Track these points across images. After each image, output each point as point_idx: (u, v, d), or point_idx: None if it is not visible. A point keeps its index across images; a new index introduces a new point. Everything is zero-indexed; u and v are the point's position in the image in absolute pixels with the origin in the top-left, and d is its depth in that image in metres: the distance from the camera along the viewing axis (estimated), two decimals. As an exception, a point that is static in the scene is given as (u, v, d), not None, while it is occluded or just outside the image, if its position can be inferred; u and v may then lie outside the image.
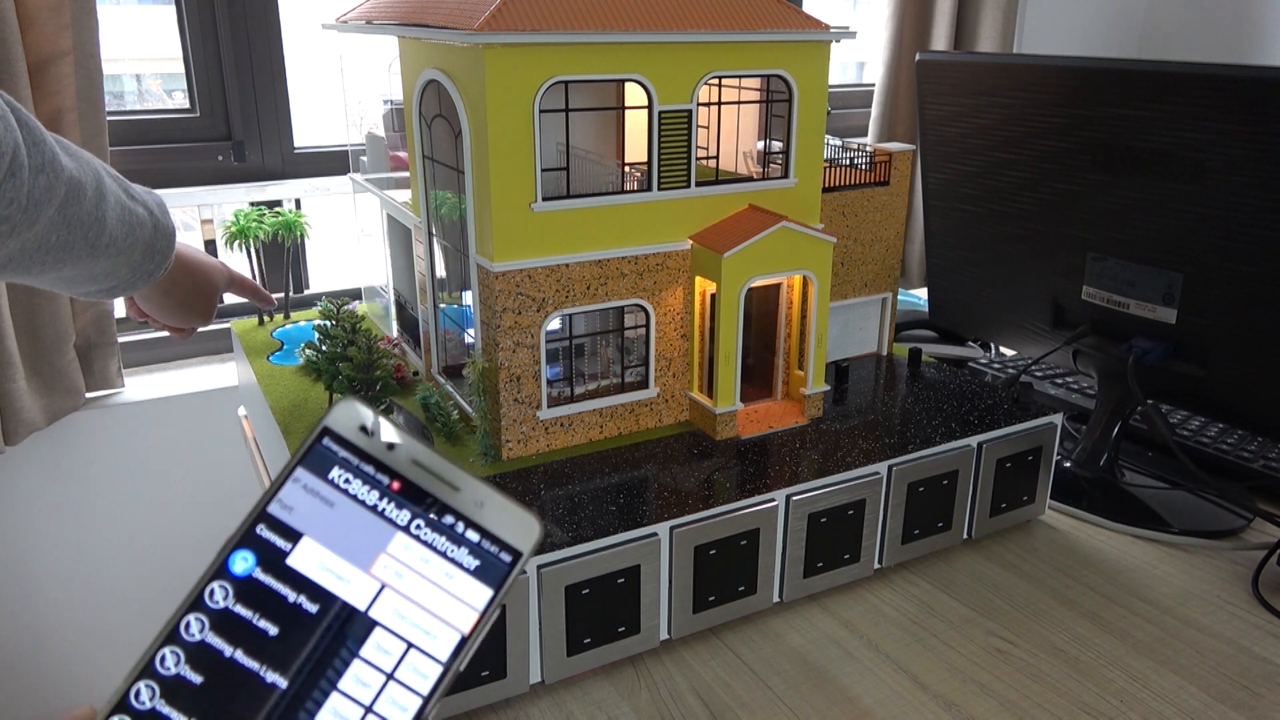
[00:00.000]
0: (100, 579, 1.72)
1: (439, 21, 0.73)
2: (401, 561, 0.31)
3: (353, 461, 0.32)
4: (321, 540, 0.31)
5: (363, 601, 0.30)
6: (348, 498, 0.31)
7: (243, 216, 1.13)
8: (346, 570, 0.30)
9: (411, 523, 0.31)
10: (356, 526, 0.31)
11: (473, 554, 0.31)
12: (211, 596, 0.30)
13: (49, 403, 1.55)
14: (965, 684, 0.69)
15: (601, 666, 0.70)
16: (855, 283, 1.00)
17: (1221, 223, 0.80)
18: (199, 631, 0.29)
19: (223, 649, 0.29)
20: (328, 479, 0.32)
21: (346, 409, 0.33)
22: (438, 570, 0.31)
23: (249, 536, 0.30)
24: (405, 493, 0.32)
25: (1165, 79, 0.80)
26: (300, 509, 0.31)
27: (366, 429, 0.32)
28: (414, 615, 0.30)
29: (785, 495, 0.73)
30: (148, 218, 0.72)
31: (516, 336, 0.76)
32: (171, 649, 0.29)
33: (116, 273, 0.71)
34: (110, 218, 0.66)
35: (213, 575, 0.30)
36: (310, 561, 0.30)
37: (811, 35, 0.79)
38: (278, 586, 0.30)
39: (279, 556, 0.30)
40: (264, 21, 1.74)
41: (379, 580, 0.30)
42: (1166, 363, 0.88)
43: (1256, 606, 0.79)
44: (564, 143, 0.78)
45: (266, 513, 0.31)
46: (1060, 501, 0.93)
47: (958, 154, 1.00)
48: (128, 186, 0.71)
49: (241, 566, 0.30)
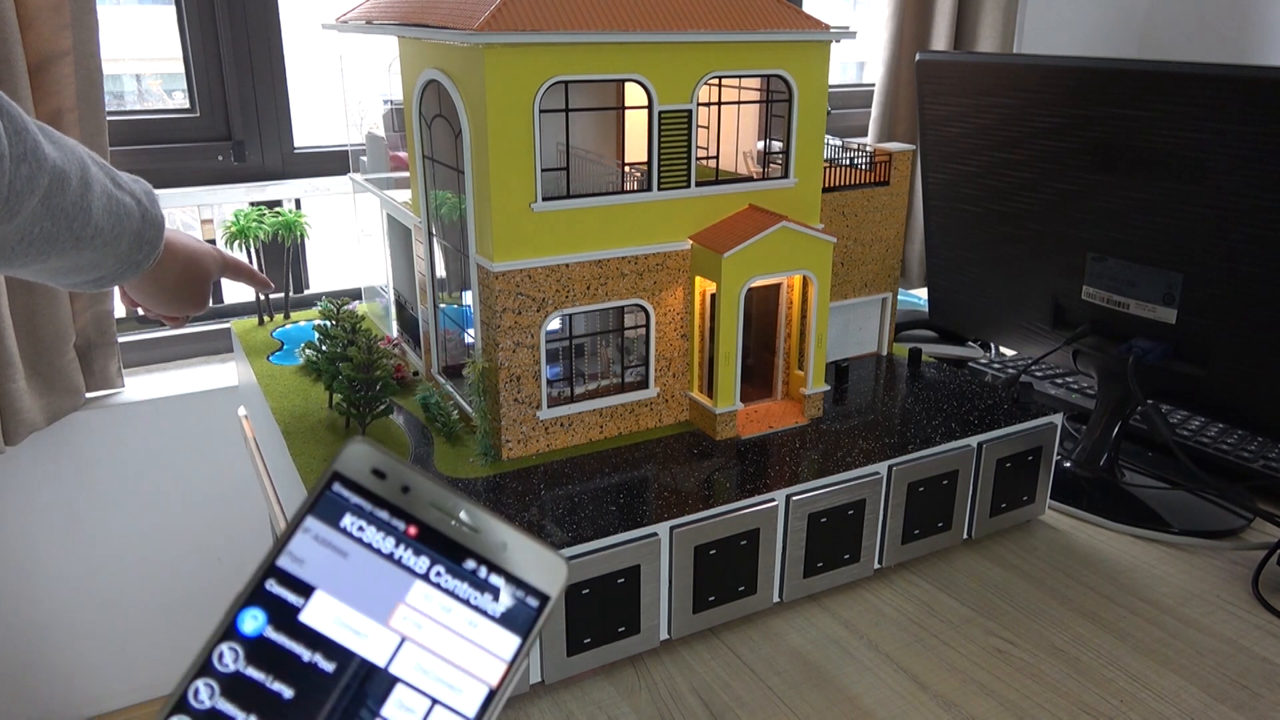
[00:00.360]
0: (100, 579, 1.72)
1: (439, 21, 0.73)
2: (421, 612, 0.29)
3: (365, 507, 0.30)
4: (335, 593, 0.29)
5: (382, 657, 0.28)
6: (361, 546, 0.30)
7: (243, 216, 1.13)
8: (363, 624, 0.29)
9: (431, 570, 0.30)
10: (372, 577, 0.29)
11: (497, 600, 0.30)
12: (221, 659, 0.28)
13: (49, 403, 1.55)
14: (965, 684, 0.69)
15: (601, 666, 0.70)
16: (855, 283, 1.00)
17: (1221, 223, 0.80)
18: (209, 698, 0.27)
19: (235, 715, 0.27)
20: (339, 527, 0.30)
21: (357, 451, 0.31)
22: (461, 619, 0.29)
23: (258, 593, 0.29)
24: (423, 538, 0.30)
25: (1165, 79, 0.80)
26: (311, 561, 0.29)
27: (379, 472, 0.31)
28: (437, 669, 0.29)
29: (785, 495, 0.73)
30: (135, 207, 0.69)
31: (516, 336, 0.76)
32: (181, 719, 0.27)
33: (104, 264, 0.69)
34: (96, 208, 0.64)
35: (221, 636, 0.28)
36: (324, 617, 0.29)
37: (811, 35, 0.79)
38: (291, 645, 0.28)
39: (291, 613, 0.29)
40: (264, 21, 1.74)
41: (398, 633, 0.29)
42: (1166, 363, 0.88)
43: (1256, 606, 0.79)
44: (564, 143, 0.78)
45: (276, 567, 0.29)
46: (1060, 501, 0.93)
47: (958, 154, 1.00)
48: (115, 175, 0.69)
49: (251, 626, 0.28)
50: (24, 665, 1.70)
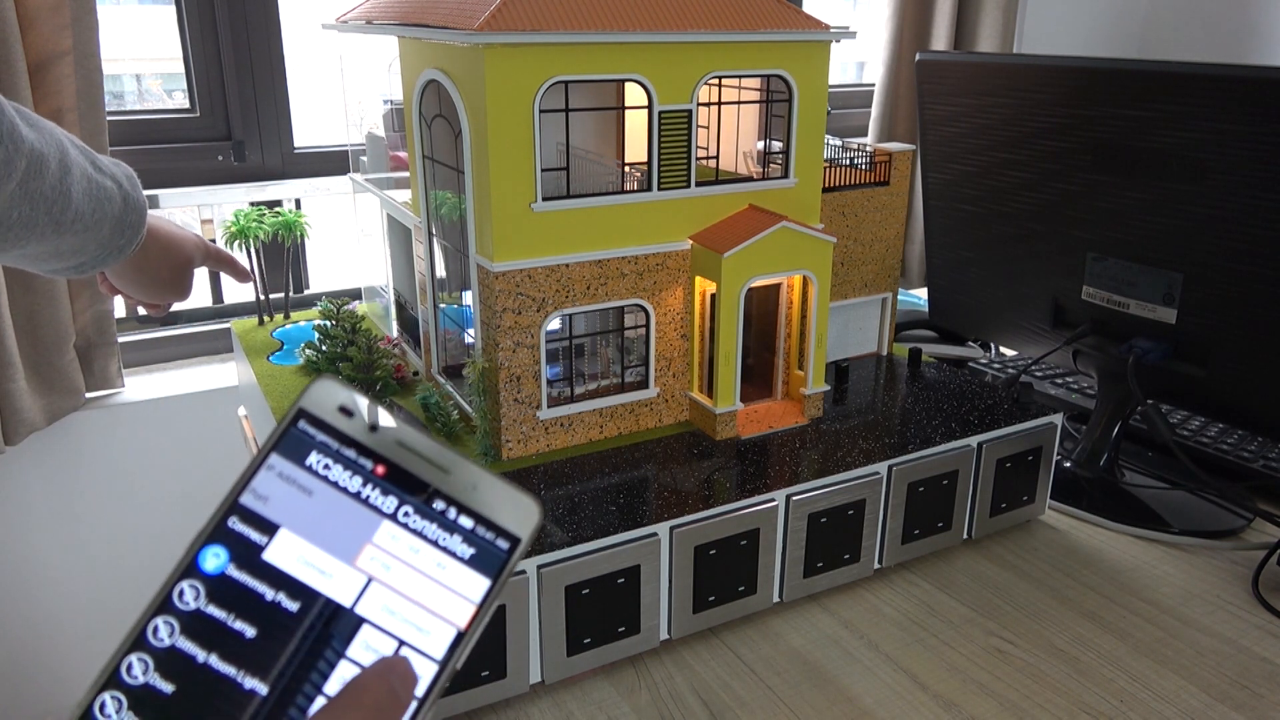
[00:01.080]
0: (100, 579, 1.72)
1: (439, 21, 0.73)
2: (389, 552, 0.28)
3: (332, 446, 0.29)
4: (300, 532, 0.28)
5: (348, 597, 0.28)
6: (328, 485, 0.29)
7: (243, 216, 1.13)
8: (329, 564, 0.28)
9: (399, 510, 0.29)
10: (338, 516, 0.28)
11: (467, 542, 0.29)
12: (181, 597, 0.27)
13: (49, 403, 1.55)
14: (965, 684, 0.69)
15: (601, 666, 0.70)
16: (855, 283, 1.00)
17: (1221, 223, 0.80)
18: (168, 636, 0.27)
19: (195, 654, 0.26)
20: (305, 465, 0.29)
21: (324, 388, 0.30)
22: (429, 561, 0.28)
23: (220, 530, 0.28)
24: (391, 477, 0.29)
25: (1165, 79, 0.80)
26: (276, 499, 0.28)
27: (346, 410, 0.29)
28: (405, 610, 0.28)
29: (785, 495, 0.73)
30: (116, 191, 0.67)
31: (516, 336, 0.76)
32: (139, 656, 0.26)
33: (85, 249, 0.67)
34: (76, 192, 0.63)
35: (181, 574, 0.27)
36: (289, 555, 0.28)
37: (811, 35, 0.79)
38: (253, 584, 0.27)
39: (254, 551, 0.28)
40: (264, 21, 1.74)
41: (365, 573, 0.28)
42: (1166, 363, 0.88)
43: (1256, 606, 0.79)
44: (564, 143, 0.78)
45: (238, 504, 0.28)
46: (1060, 501, 0.93)
47: (958, 154, 1.00)
48: (95, 158, 0.67)
49: (213, 563, 0.27)
50: (23, 665, 1.70)
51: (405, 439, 0.29)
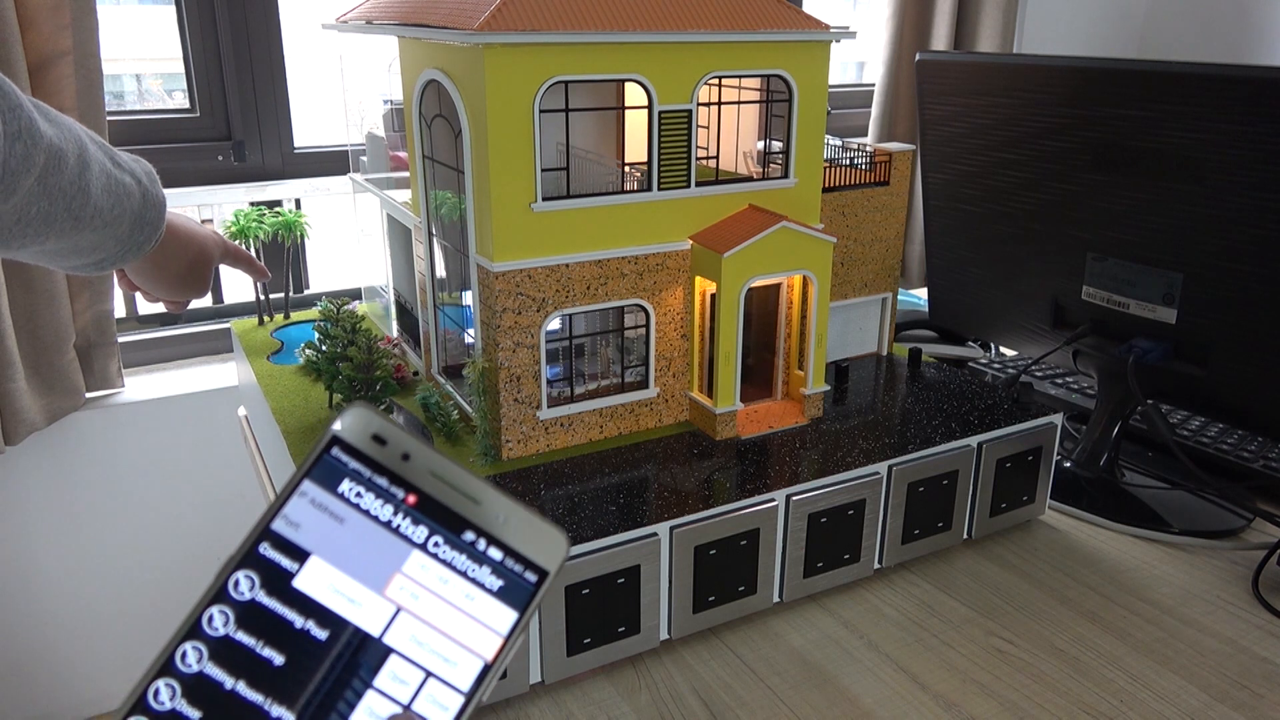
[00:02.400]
0: (100, 579, 1.72)
1: (439, 21, 0.73)
2: (418, 582, 0.28)
3: (364, 474, 0.29)
4: (331, 560, 0.28)
5: (377, 626, 0.28)
6: (359, 513, 0.29)
7: (243, 216, 1.13)
8: (358, 592, 0.28)
9: (429, 540, 0.29)
10: (369, 544, 0.29)
11: (495, 573, 0.29)
12: (210, 623, 0.27)
13: (49, 403, 1.55)
14: (965, 684, 0.69)
15: (601, 666, 0.70)
16: (855, 283, 1.00)
17: (1221, 223, 0.80)
18: (196, 662, 0.27)
19: (223, 681, 0.26)
20: (337, 493, 0.29)
21: (358, 416, 0.30)
22: (458, 592, 0.29)
23: (251, 556, 0.28)
24: (422, 507, 0.29)
25: (1165, 79, 0.80)
26: (307, 525, 0.28)
27: (380, 438, 0.30)
28: (432, 641, 0.28)
29: (785, 495, 0.73)
30: (135, 187, 0.67)
31: (516, 336, 0.76)
32: (166, 681, 0.26)
33: (104, 245, 0.67)
34: (95, 188, 0.62)
35: (212, 599, 0.27)
36: (319, 583, 0.28)
37: (811, 35, 0.79)
38: (283, 611, 0.27)
39: (285, 578, 0.28)
40: (264, 21, 1.74)
41: (394, 603, 0.28)
42: (1166, 363, 0.88)
43: (1256, 606, 0.79)
44: (564, 143, 0.78)
45: (270, 530, 0.28)
46: (1060, 501, 0.93)
47: (958, 154, 1.00)
48: (114, 154, 0.66)
49: (243, 589, 0.28)
50: (23, 665, 1.70)
51: (437, 468, 0.30)
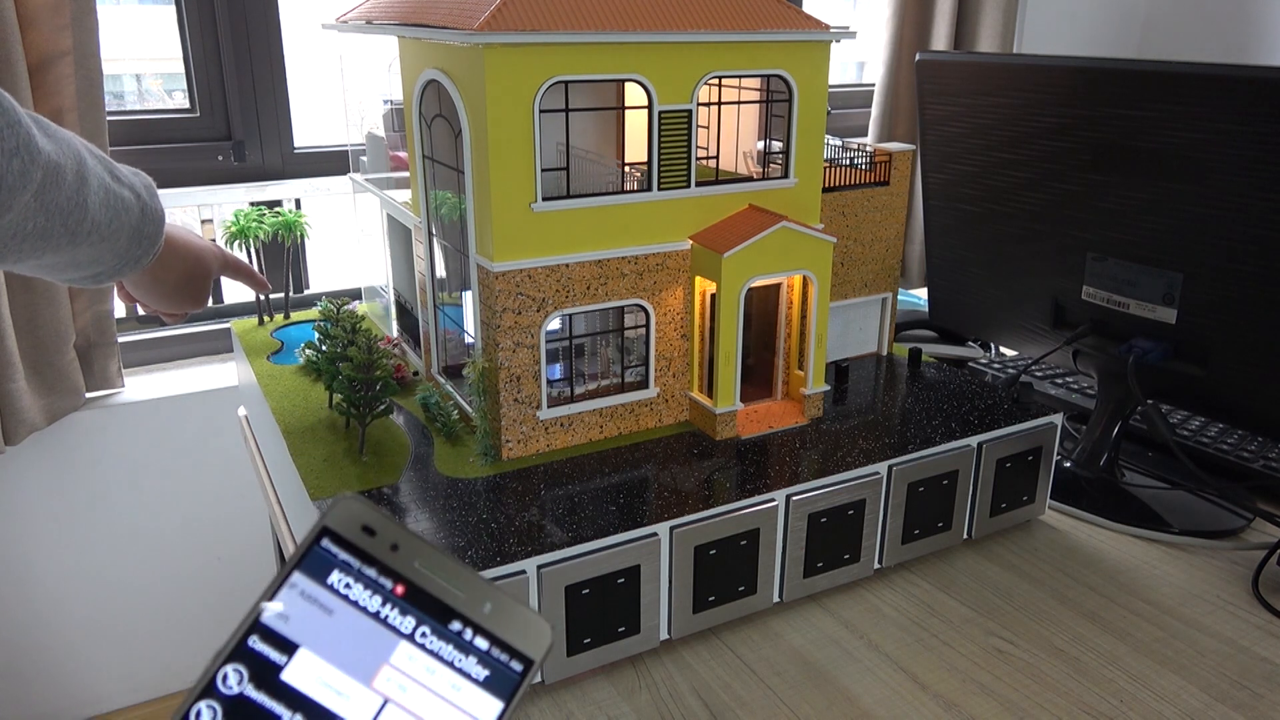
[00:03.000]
0: (99, 579, 1.72)
1: (439, 21, 0.73)
2: (405, 674, 0.29)
3: (354, 565, 0.30)
4: (319, 652, 0.28)
5: (364, 719, 0.28)
6: (348, 604, 0.29)
7: (243, 216, 1.13)
8: (346, 685, 0.28)
9: (417, 630, 0.29)
10: (357, 636, 0.29)
11: (481, 663, 0.29)
12: (199, 719, 0.27)
13: (49, 403, 1.55)
14: (965, 684, 0.69)
15: (601, 666, 0.70)
16: (855, 283, 1.00)
17: (1221, 223, 0.80)
18: None
19: None
20: (327, 584, 0.29)
21: (349, 507, 0.30)
22: (444, 682, 0.29)
23: (240, 650, 0.28)
24: (410, 597, 0.30)
25: (1165, 79, 0.80)
26: (297, 617, 0.29)
27: (369, 529, 0.30)
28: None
29: (785, 495, 0.73)
30: (134, 201, 0.67)
31: (516, 336, 0.76)
32: None
33: (102, 259, 0.67)
34: (93, 203, 0.62)
35: (199, 694, 0.27)
36: (307, 675, 0.28)
37: (811, 35, 0.79)
38: (271, 705, 0.27)
39: (273, 671, 0.28)
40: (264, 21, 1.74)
41: (382, 695, 0.28)
42: (1166, 363, 0.88)
43: (1256, 606, 0.79)
44: (564, 143, 0.78)
45: (260, 623, 0.28)
46: (1060, 501, 0.93)
47: (958, 154, 1.00)
48: (113, 168, 0.66)
49: (232, 683, 0.28)
50: (23, 665, 1.70)
51: (424, 559, 0.30)
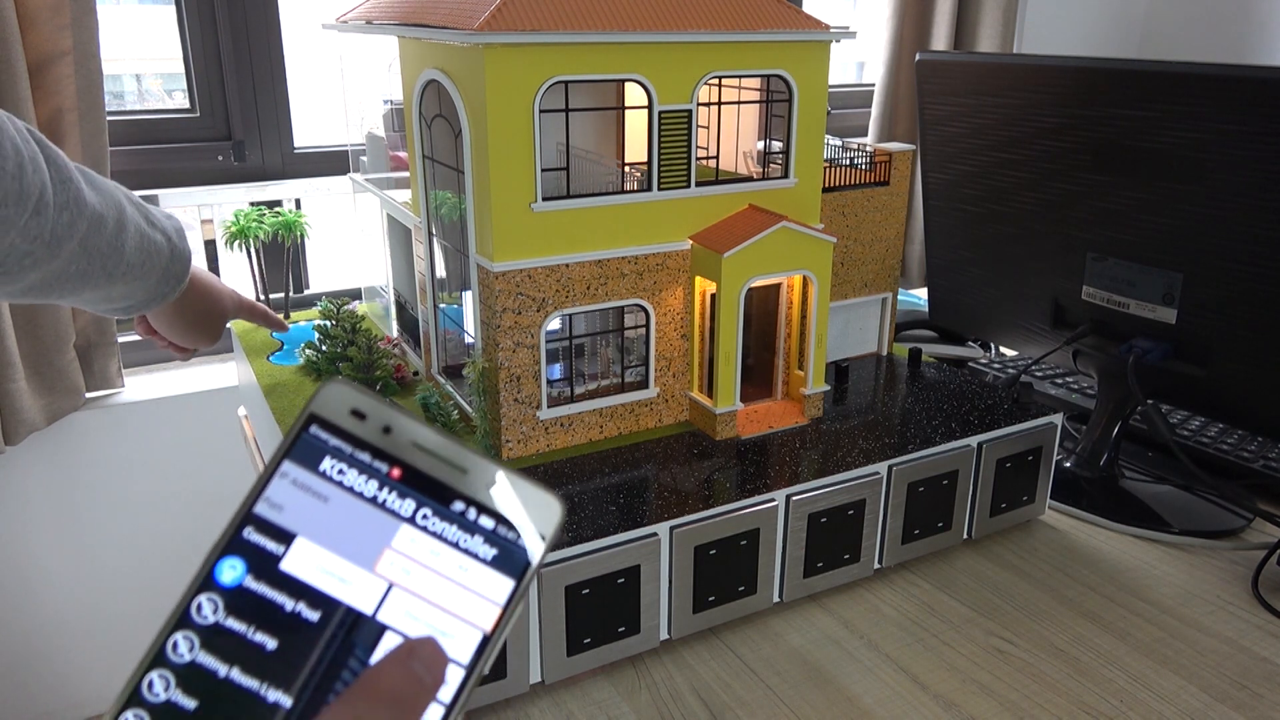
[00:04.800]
0: (100, 579, 1.72)
1: (439, 21, 0.73)
2: (409, 556, 0.28)
3: (346, 450, 0.29)
4: (318, 540, 0.28)
5: (369, 604, 0.27)
6: (343, 490, 0.28)
7: (243, 216, 1.13)
8: (348, 571, 0.28)
9: (417, 513, 0.28)
10: (356, 521, 0.28)
11: (489, 542, 0.28)
12: (199, 611, 0.27)
13: (49, 403, 1.55)
14: (965, 684, 0.69)
15: (601, 666, 0.70)
16: (855, 283, 1.00)
17: (1221, 223, 0.80)
18: (188, 651, 0.26)
19: (216, 669, 0.26)
20: (319, 471, 0.28)
21: (335, 391, 0.29)
22: (451, 564, 0.28)
23: (236, 542, 0.28)
24: (408, 480, 0.29)
25: (1165, 79, 0.80)
26: (291, 507, 0.28)
27: (359, 413, 0.29)
28: (428, 615, 0.27)
29: (785, 495, 0.73)
30: (165, 245, 0.73)
31: (516, 336, 0.76)
32: (159, 673, 0.26)
33: (132, 294, 0.73)
34: (129, 247, 0.68)
35: (199, 588, 0.27)
36: (307, 564, 0.27)
37: (811, 35, 0.79)
38: (272, 595, 0.27)
39: (271, 562, 0.27)
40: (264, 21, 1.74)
41: (385, 579, 0.28)
42: (1166, 363, 0.88)
43: (1256, 606, 0.79)
44: (564, 143, 0.78)
45: (253, 514, 0.28)
46: (1060, 501, 0.93)
47: (958, 154, 1.00)
48: (149, 213, 0.73)
49: (230, 576, 0.27)
50: (23, 665, 1.70)
51: (420, 439, 0.29)
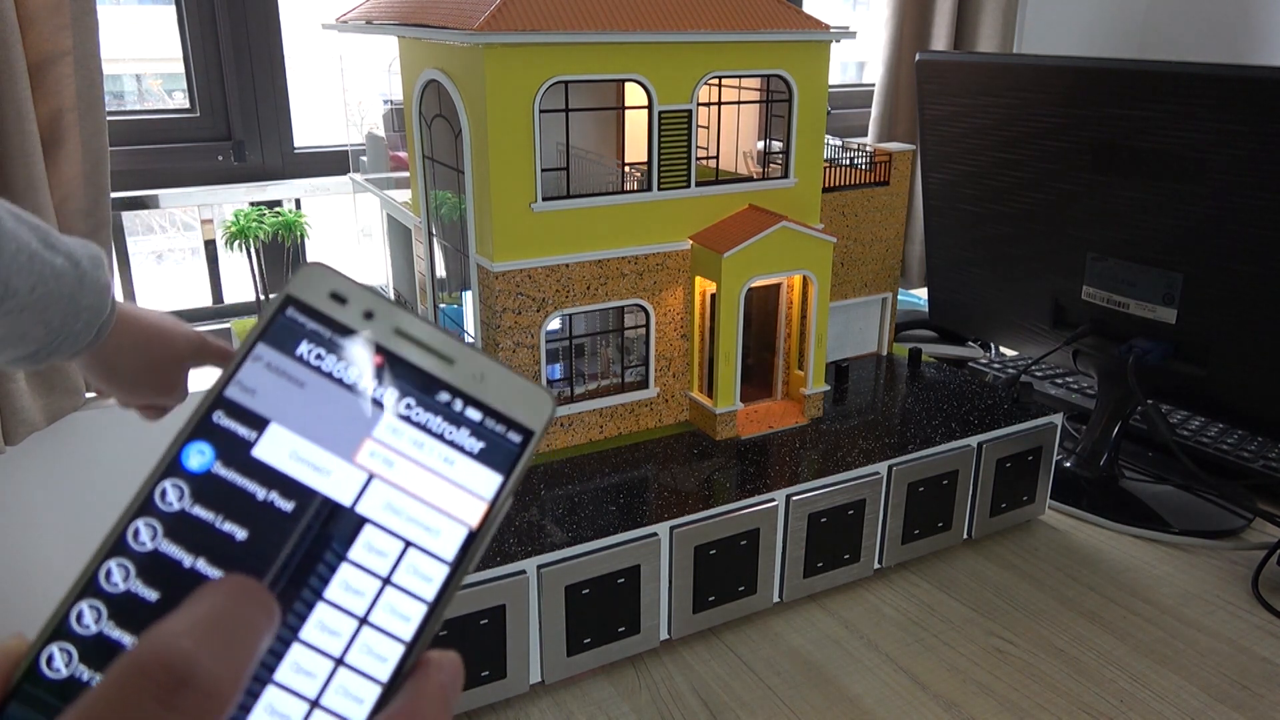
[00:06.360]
0: (100, 579, 1.72)
1: (439, 21, 0.73)
2: (391, 447, 0.26)
3: (324, 334, 0.27)
4: (292, 426, 0.26)
5: (348, 496, 0.25)
6: (321, 375, 0.26)
7: (243, 216, 1.13)
8: (325, 460, 0.26)
9: (400, 402, 0.26)
10: (334, 409, 0.26)
11: (475, 435, 0.27)
12: (164, 498, 0.25)
13: (49, 403, 1.55)
14: (965, 684, 0.69)
15: (601, 666, 0.70)
16: (855, 283, 1.00)
17: (1221, 223, 0.80)
18: (150, 539, 0.24)
19: (181, 559, 0.24)
20: (295, 355, 0.26)
21: (314, 273, 0.27)
22: (435, 456, 0.26)
23: (204, 426, 0.25)
24: (390, 368, 0.27)
25: (1165, 79, 0.80)
26: (264, 391, 0.26)
27: (339, 296, 0.27)
28: (410, 509, 0.26)
29: (785, 495, 0.73)
30: (69, 269, 0.59)
31: (516, 336, 0.76)
32: (119, 561, 0.24)
33: (31, 334, 0.59)
34: (4, 266, 0.55)
35: (163, 473, 0.25)
36: (281, 451, 0.25)
37: (811, 35, 0.79)
38: (243, 482, 0.25)
39: (242, 447, 0.25)
40: (264, 21, 1.74)
41: (365, 470, 0.26)
42: (1166, 363, 0.88)
43: (1256, 606, 0.79)
44: (564, 143, 0.78)
45: (224, 397, 0.26)
46: (1060, 501, 0.93)
47: (958, 154, 1.00)
48: (48, 235, 0.59)
49: (198, 461, 0.25)
50: (24, 665, 1.70)
51: (405, 326, 0.27)
